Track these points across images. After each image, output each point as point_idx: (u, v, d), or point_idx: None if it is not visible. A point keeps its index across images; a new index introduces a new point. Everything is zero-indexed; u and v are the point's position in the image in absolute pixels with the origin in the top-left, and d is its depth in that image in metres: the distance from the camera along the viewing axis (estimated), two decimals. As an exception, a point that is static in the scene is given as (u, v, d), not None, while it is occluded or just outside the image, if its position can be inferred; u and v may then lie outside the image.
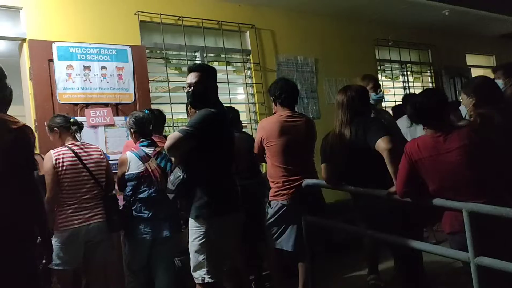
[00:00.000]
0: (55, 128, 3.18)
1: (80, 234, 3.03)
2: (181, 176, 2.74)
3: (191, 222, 2.79)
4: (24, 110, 3.98)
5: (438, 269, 3.66)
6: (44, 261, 2.43)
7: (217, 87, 2.92)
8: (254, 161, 3.69)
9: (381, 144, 2.66)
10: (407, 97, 4.92)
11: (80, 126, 3.26)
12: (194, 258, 2.75)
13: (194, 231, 2.76)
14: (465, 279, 2.34)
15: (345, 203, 4.45)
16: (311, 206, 3.27)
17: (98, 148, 3.31)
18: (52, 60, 3.83)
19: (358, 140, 2.84)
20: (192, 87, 2.80)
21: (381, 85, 3.89)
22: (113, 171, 3.42)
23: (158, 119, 3.63)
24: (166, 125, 4.01)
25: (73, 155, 3.08)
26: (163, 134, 3.78)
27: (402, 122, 4.17)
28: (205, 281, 2.72)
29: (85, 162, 3.10)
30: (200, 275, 2.73)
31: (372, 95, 3.60)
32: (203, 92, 2.80)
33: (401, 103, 5.81)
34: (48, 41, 3.82)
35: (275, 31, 5.35)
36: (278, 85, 3.46)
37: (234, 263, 2.84)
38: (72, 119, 3.24)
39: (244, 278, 3.01)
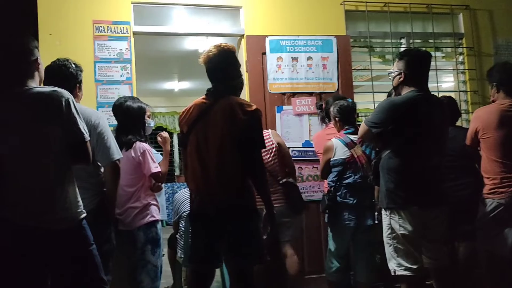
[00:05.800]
0: None
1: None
2: (373, 161, 2.82)
3: (382, 211, 2.80)
4: (240, 100, 4.44)
5: None
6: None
7: (423, 72, 2.82)
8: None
9: None
10: None
11: None
12: (386, 249, 2.76)
13: (383, 220, 2.78)
14: None
15: None
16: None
17: (269, 134, 3.36)
18: (264, 53, 4.15)
19: None
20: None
21: None
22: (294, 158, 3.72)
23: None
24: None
25: None
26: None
27: None
28: (396, 273, 2.70)
29: None
30: (392, 267, 2.73)
31: None
32: (403, 79, 2.77)
33: None
34: (262, 36, 4.16)
35: (494, 11, 4.76)
36: (501, 70, 3.11)
37: (440, 261, 2.72)
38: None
39: (449, 276, 2.82)
